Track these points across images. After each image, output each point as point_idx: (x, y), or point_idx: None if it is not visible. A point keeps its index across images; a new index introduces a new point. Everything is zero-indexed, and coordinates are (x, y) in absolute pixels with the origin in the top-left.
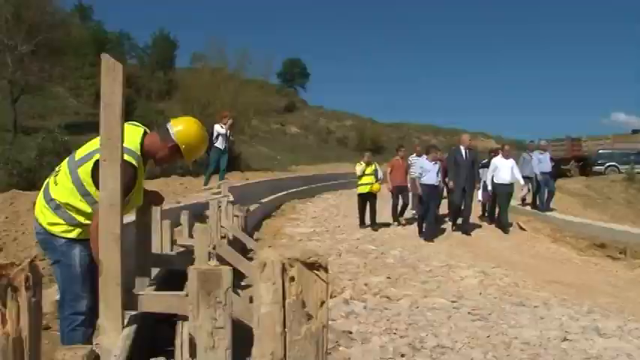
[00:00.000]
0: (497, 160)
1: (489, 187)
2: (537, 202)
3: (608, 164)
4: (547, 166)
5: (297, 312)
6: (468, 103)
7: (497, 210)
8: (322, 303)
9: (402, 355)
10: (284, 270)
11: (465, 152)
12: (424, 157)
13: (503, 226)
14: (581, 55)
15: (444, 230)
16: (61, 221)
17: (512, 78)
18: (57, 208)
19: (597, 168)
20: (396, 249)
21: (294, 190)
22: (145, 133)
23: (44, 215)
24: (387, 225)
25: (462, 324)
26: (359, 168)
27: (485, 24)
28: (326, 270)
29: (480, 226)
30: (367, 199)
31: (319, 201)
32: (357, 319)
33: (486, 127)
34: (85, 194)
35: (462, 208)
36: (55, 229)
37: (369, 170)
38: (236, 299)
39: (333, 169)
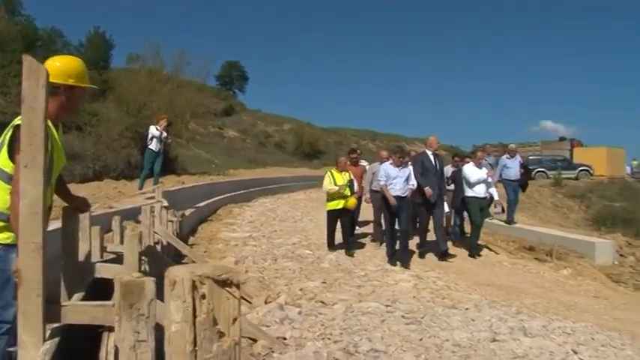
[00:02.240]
0: (469, 169)
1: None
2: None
3: (537, 170)
4: (515, 173)
5: (208, 330)
6: (405, 109)
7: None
8: (234, 320)
9: None
10: (194, 287)
11: (434, 158)
12: (387, 162)
13: (472, 248)
14: (512, 65)
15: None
16: None
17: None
18: None
19: None
20: (332, 253)
21: (231, 194)
22: None
23: None
24: (362, 245)
25: (395, 327)
26: (328, 180)
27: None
28: (238, 286)
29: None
30: (340, 217)
31: (256, 205)
32: (292, 325)
33: (423, 133)
34: (8, 180)
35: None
36: None
37: (341, 180)
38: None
39: (270, 174)
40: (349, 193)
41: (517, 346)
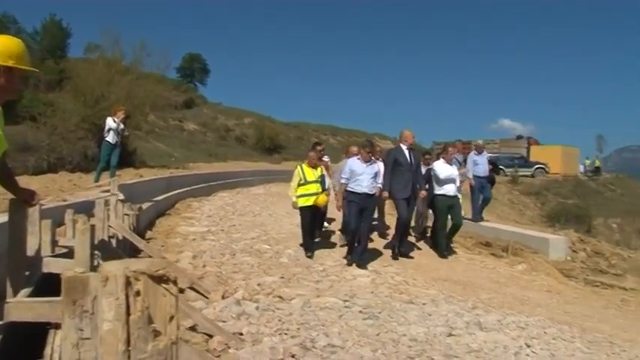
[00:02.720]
0: (439, 166)
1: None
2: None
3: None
4: (484, 170)
5: (143, 329)
6: (366, 105)
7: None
8: (171, 318)
9: (293, 356)
10: (128, 284)
11: (409, 153)
12: (354, 157)
13: (440, 249)
14: (473, 63)
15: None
16: None
17: (409, 83)
18: None
19: None
20: (290, 248)
21: (190, 188)
22: None
23: None
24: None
25: (352, 323)
26: (297, 177)
27: (383, 30)
28: (175, 283)
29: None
30: (314, 215)
31: (216, 199)
32: (249, 320)
33: (384, 128)
34: None
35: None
36: None
37: (312, 176)
38: None
39: (231, 168)
40: (320, 190)
41: (472, 340)
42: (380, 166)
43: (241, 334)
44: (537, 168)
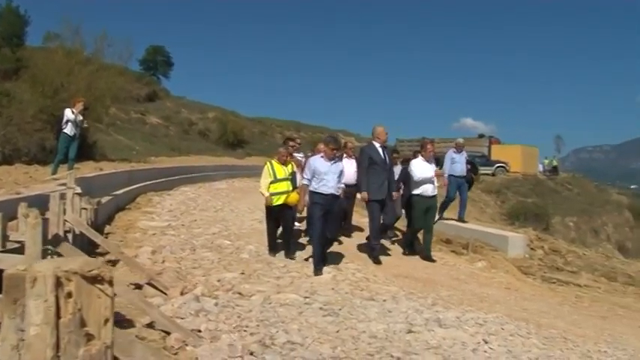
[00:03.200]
0: (418, 164)
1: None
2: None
3: None
4: (462, 169)
5: (75, 332)
6: (330, 102)
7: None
8: (106, 321)
9: (251, 353)
10: (59, 285)
11: (382, 151)
12: (317, 155)
13: (427, 255)
14: (436, 62)
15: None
16: None
17: (373, 81)
18: None
19: None
20: (252, 244)
21: (151, 182)
22: None
23: None
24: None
25: (312, 319)
26: (267, 174)
27: (347, 27)
28: (110, 283)
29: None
30: (280, 214)
31: (177, 194)
32: (207, 317)
33: (348, 125)
34: None
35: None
36: None
37: (282, 173)
38: None
39: (193, 162)
40: (291, 188)
41: (431, 337)
42: (344, 164)
43: (199, 331)
44: (498, 167)
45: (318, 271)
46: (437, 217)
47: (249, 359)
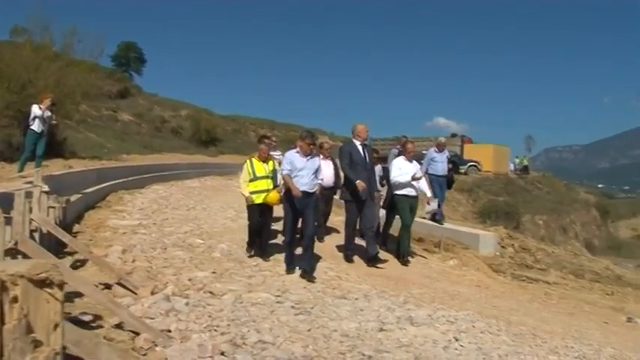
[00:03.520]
0: (400, 163)
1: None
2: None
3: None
4: (443, 168)
5: (20, 339)
6: (304, 100)
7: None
8: (56, 326)
9: (222, 353)
10: (4, 289)
11: (363, 149)
12: (293, 150)
13: (402, 254)
14: (410, 61)
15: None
16: None
17: (347, 80)
18: None
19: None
20: (224, 243)
21: (122, 180)
22: None
23: None
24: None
25: (284, 318)
26: (247, 172)
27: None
28: (61, 287)
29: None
30: (263, 213)
31: (149, 192)
32: (178, 317)
33: (322, 124)
34: None
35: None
36: None
37: (263, 171)
38: None
39: (166, 160)
40: (271, 186)
41: (403, 335)
42: (329, 165)
43: (169, 331)
44: (470, 165)
45: (290, 270)
46: (436, 217)
47: (220, 359)
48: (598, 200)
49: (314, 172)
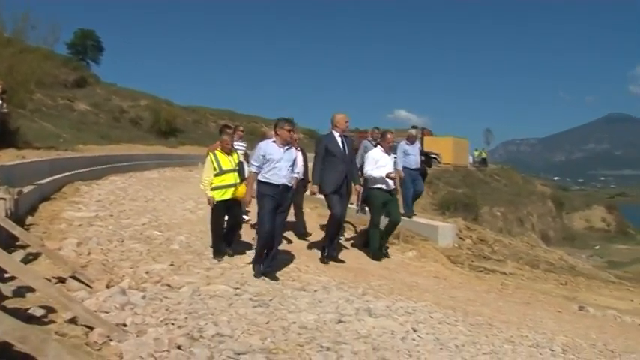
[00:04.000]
0: (377, 155)
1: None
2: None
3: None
4: (415, 161)
5: None
6: (265, 91)
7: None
8: None
9: (179, 347)
10: None
11: (342, 140)
12: (268, 141)
13: (374, 250)
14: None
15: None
16: None
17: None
18: None
19: None
20: (182, 234)
21: (79, 171)
22: None
23: None
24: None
25: (242, 311)
26: (210, 166)
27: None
28: None
29: None
30: (229, 212)
31: (107, 183)
32: (134, 310)
33: (282, 115)
34: None
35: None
36: None
37: (228, 164)
38: None
39: (124, 151)
40: (238, 180)
41: (361, 326)
42: (298, 153)
43: (125, 325)
44: (430, 158)
45: (258, 273)
46: (408, 213)
47: (176, 353)
48: (553, 193)
49: (291, 163)
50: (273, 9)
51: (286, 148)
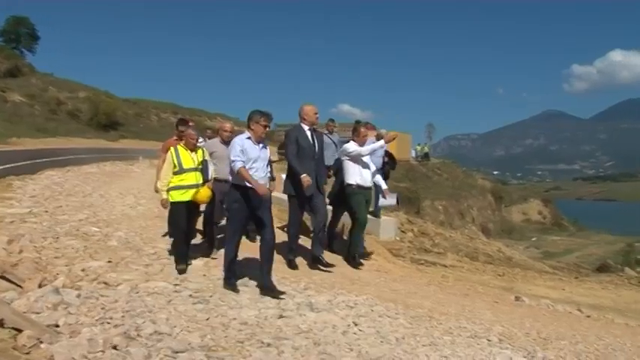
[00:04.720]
0: (351, 148)
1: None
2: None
3: None
4: (379, 161)
5: None
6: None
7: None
8: None
9: (115, 347)
10: None
11: (312, 135)
12: (243, 136)
13: (352, 254)
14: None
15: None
16: None
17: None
18: None
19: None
20: (121, 230)
21: (11, 165)
22: None
23: None
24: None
25: (182, 308)
26: (170, 163)
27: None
28: None
29: None
30: (191, 214)
31: (42, 178)
32: (68, 310)
33: (225, 109)
34: None
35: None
36: None
37: (191, 162)
38: None
39: (61, 144)
40: (201, 181)
41: (303, 321)
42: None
43: (57, 325)
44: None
45: (230, 285)
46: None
47: (112, 353)
48: (493, 186)
49: (268, 162)
50: (220, 3)
51: (261, 145)
